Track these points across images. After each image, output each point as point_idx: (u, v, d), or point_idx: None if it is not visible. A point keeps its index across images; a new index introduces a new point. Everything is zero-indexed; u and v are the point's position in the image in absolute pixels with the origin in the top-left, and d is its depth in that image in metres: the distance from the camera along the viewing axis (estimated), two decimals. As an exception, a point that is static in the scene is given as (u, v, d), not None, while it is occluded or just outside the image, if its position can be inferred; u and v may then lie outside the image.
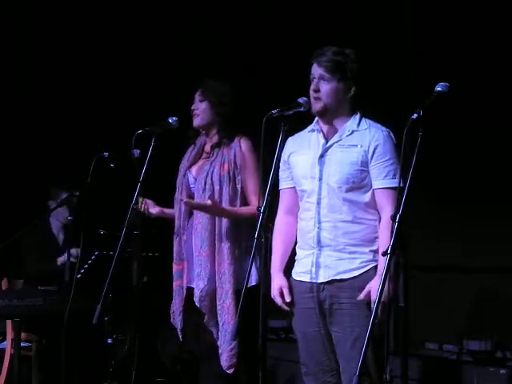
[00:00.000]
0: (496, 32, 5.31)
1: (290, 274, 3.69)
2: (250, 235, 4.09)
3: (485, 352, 5.17)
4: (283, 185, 3.76)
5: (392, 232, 2.99)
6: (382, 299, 2.99)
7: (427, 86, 3.19)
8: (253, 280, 4.04)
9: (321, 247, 3.56)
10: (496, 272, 5.26)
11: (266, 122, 3.43)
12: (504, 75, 5.25)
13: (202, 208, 4.16)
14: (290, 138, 3.71)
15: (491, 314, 5.30)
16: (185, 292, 4.24)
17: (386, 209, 3.47)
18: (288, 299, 3.62)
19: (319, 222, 3.56)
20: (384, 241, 3.38)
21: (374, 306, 2.95)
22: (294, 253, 3.73)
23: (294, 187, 3.71)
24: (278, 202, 3.87)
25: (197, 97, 4.35)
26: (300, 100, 3.56)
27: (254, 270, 4.02)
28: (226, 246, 4.17)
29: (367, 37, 5.69)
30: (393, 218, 3.00)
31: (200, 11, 6.91)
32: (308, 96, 3.59)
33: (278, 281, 3.66)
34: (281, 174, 3.73)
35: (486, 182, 5.32)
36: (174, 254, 4.31)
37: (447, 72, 4.86)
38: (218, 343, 4.17)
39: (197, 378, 4.51)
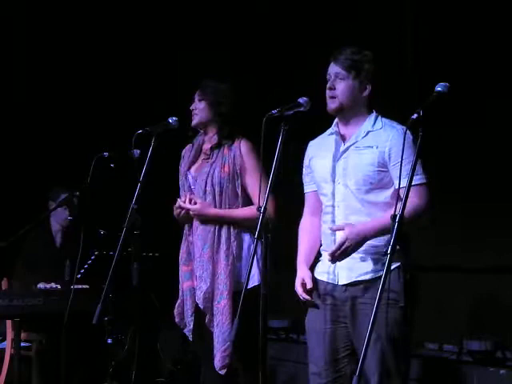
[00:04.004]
0: (496, 32, 5.32)
1: (313, 272, 3.69)
2: (252, 236, 4.13)
3: (485, 352, 5.17)
4: (307, 188, 3.80)
5: (392, 232, 2.99)
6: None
7: (427, 86, 3.19)
8: (256, 280, 4.05)
9: None
10: (496, 272, 5.26)
11: (266, 122, 3.43)
12: (504, 75, 5.26)
13: (199, 212, 4.18)
14: (310, 142, 3.77)
15: (491, 314, 5.30)
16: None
17: (415, 201, 3.44)
18: (309, 286, 3.60)
19: None
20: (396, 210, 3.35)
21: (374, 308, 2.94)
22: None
23: (317, 190, 3.73)
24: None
25: (196, 97, 4.36)
26: (300, 100, 3.55)
27: (257, 270, 4.04)
28: (223, 248, 4.17)
29: (367, 37, 5.69)
30: (393, 217, 3.00)
31: (200, 12, 6.91)
32: (310, 96, 3.59)
33: (301, 272, 3.66)
34: (304, 178, 3.79)
35: (485, 181, 5.33)
36: (184, 255, 4.31)
37: (447, 72, 4.86)
38: (214, 344, 4.18)
39: (197, 378, 4.51)
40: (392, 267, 3.46)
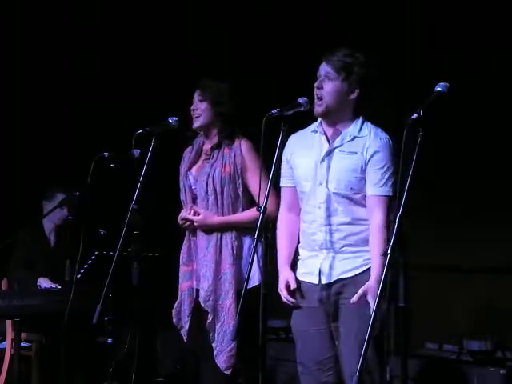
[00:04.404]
0: (496, 31, 5.32)
1: (295, 273, 3.70)
2: (252, 236, 4.13)
3: (485, 352, 5.18)
4: (285, 182, 3.78)
5: (392, 232, 2.99)
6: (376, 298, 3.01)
7: (427, 85, 3.19)
8: (256, 280, 4.05)
9: (324, 250, 3.58)
10: (496, 272, 5.26)
11: (266, 121, 3.43)
12: (504, 76, 5.26)
13: (202, 223, 4.19)
14: (291, 137, 3.73)
15: (491, 314, 5.30)
16: (195, 293, 4.25)
17: (376, 215, 3.50)
18: (293, 286, 3.62)
19: (321, 226, 3.58)
20: (375, 246, 3.43)
21: (373, 307, 2.95)
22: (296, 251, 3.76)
23: (295, 187, 3.72)
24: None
25: (196, 97, 4.35)
26: (300, 100, 3.56)
27: (258, 269, 4.05)
28: (227, 247, 4.18)
29: (367, 37, 5.69)
30: (393, 218, 3.00)
31: (200, 11, 6.91)
32: (310, 96, 3.59)
33: (284, 274, 3.68)
34: (283, 171, 3.75)
35: (486, 181, 5.33)
36: (185, 255, 4.32)
37: (447, 72, 4.86)
38: (214, 344, 4.17)
39: (197, 378, 4.50)
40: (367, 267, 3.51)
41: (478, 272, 5.33)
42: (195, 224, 4.22)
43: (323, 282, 3.58)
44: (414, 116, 3.03)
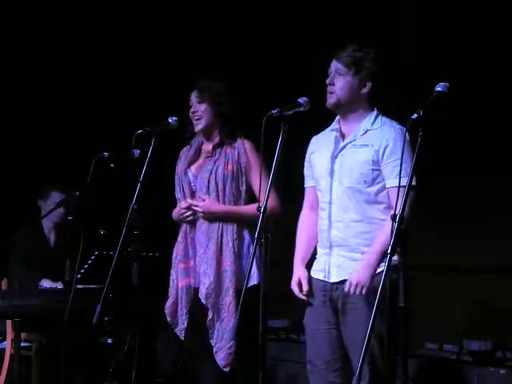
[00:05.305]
0: (496, 31, 5.32)
1: (310, 269, 3.72)
2: (252, 235, 4.14)
3: (485, 352, 5.17)
4: (307, 183, 3.82)
5: (392, 232, 2.99)
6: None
7: (427, 85, 3.19)
8: (255, 279, 4.05)
9: (334, 247, 3.60)
10: (496, 272, 5.25)
11: (266, 121, 3.43)
12: (505, 76, 5.26)
13: (207, 209, 4.18)
14: (313, 138, 3.81)
15: (491, 314, 5.30)
16: (193, 291, 4.24)
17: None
18: (305, 289, 3.65)
19: (332, 222, 3.60)
20: (381, 236, 3.41)
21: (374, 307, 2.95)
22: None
23: (315, 185, 3.75)
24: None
25: (194, 98, 4.35)
26: (300, 100, 3.57)
27: (257, 268, 4.05)
28: (228, 245, 4.18)
29: (367, 37, 5.68)
30: (393, 217, 3.00)
31: (200, 11, 6.91)
32: (310, 96, 3.60)
33: (297, 271, 3.71)
34: (305, 172, 3.82)
35: (486, 181, 5.32)
36: (181, 252, 4.31)
37: (447, 72, 4.86)
38: (213, 341, 4.17)
39: (196, 378, 4.50)
40: (381, 268, 3.48)
41: (478, 272, 5.33)
42: (199, 210, 4.21)
43: (331, 280, 3.59)
44: (414, 116, 3.03)
